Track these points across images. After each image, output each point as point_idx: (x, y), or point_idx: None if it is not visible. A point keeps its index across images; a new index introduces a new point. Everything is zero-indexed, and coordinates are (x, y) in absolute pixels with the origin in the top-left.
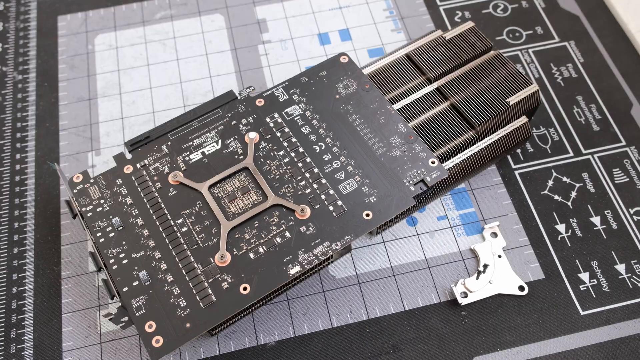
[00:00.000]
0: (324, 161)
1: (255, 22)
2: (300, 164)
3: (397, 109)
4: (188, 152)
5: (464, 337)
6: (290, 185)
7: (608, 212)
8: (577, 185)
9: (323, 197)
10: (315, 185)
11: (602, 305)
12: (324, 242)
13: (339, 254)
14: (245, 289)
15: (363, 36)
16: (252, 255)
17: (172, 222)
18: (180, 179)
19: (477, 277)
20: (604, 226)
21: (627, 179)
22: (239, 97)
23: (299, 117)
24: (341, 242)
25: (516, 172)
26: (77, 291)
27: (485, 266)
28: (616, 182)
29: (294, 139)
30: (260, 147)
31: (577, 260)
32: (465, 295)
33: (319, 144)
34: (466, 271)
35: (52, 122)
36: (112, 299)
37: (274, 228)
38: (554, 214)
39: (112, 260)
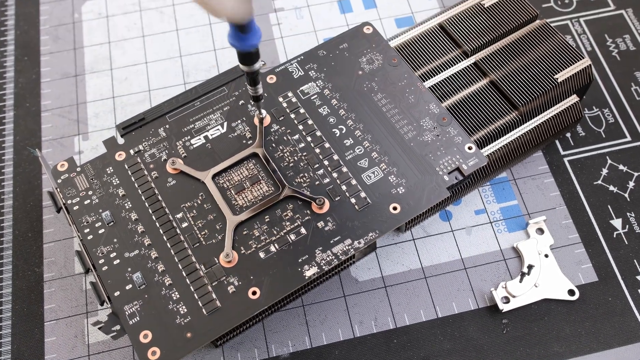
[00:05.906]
0: (344, 147)
1: None
2: (317, 150)
3: (429, 87)
4: (189, 137)
5: (505, 349)
6: (306, 174)
7: None
8: (636, 174)
9: (344, 187)
10: (334, 175)
11: None
12: (344, 239)
13: (362, 253)
14: (254, 293)
15: (389, 3)
16: (262, 255)
17: (171, 217)
18: (180, 167)
19: (521, 280)
20: None
21: None
22: None
23: (316, 96)
24: (365, 240)
25: (565, 160)
26: (62, 296)
27: (530, 267)
28: None
29: (310, 121)
30: (272, 130)
31: (635, 261)
32: (507, 300)
33: (339, 126)
34: (508, 273)
35: (33, 101)
36: (101, 304)
37: (288, 223)
38: (609, 207)
39: (102, 261)
